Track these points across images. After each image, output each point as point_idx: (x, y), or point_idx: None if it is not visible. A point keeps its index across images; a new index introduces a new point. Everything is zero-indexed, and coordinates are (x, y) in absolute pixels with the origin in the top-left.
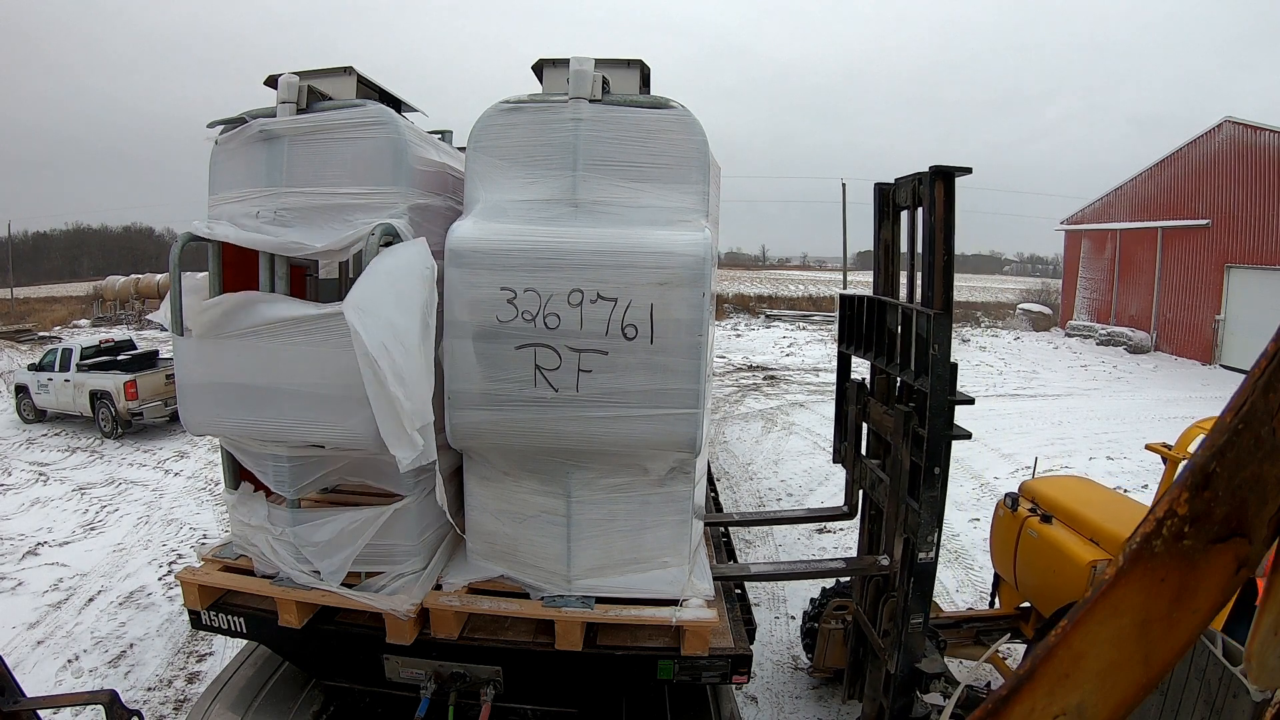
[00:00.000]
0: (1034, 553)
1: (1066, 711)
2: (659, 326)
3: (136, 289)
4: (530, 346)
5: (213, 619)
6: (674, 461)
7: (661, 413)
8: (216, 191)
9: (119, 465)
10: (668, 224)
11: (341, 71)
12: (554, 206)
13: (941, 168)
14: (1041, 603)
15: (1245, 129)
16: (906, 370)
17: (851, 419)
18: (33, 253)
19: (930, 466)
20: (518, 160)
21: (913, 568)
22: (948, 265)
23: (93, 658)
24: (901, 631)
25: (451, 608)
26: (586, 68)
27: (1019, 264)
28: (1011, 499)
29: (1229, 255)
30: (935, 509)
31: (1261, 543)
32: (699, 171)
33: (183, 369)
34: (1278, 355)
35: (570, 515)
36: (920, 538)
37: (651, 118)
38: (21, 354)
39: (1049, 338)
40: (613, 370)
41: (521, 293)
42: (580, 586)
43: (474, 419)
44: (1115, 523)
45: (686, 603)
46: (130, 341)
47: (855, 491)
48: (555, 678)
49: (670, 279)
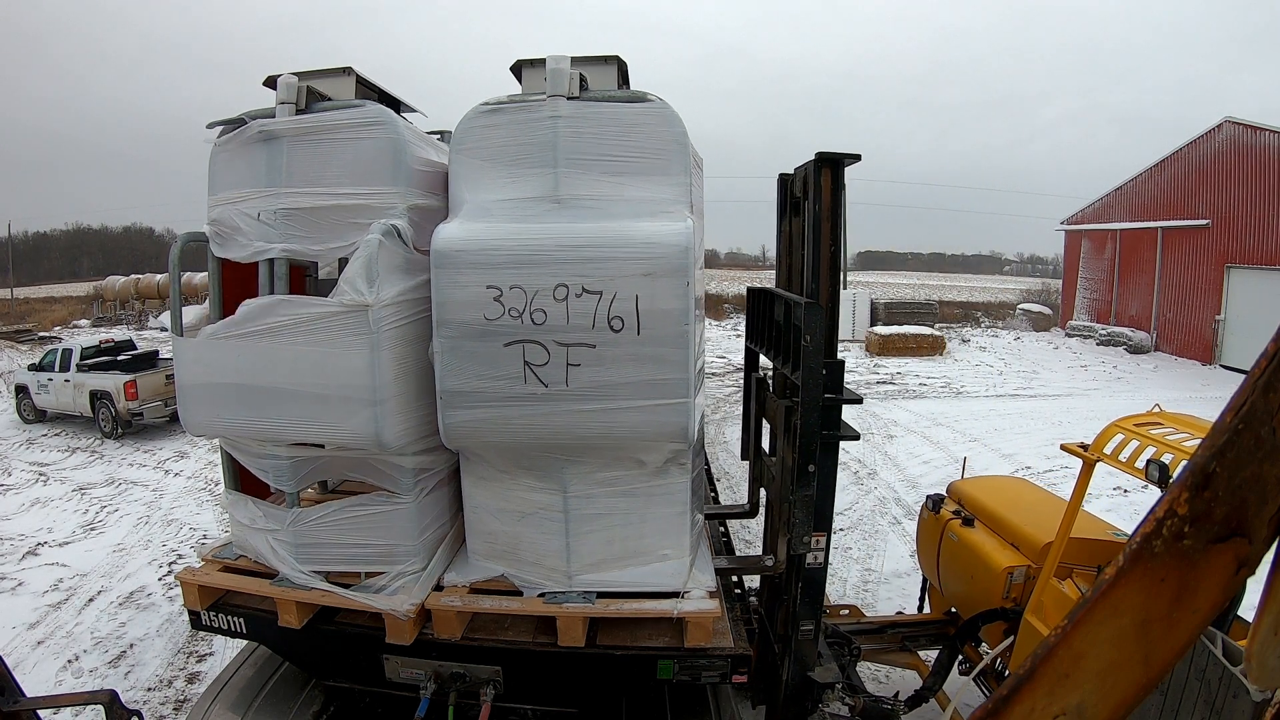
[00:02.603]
0: (954, 556)
1: (1066, 711)
2: (645, 318)
3: (136, 289)
4: (518, 343)
5: (213, 619)
6: (669, 453)
7: (652, 403)
8: (216, 192)
9: (119, 465)
10: (650, 216)
11: (340, 72)
12: (537, 204)
13: (828, 154)
14: (963, 607)
15: (1245, 129)
16: (789, 364)
17: (753, 414)
18: (33, 253)
19: (804, 464)
20: (499, 161)
21: (800, 572)
22: (834, 256)
23: (93, 658)
24: (792, 638)
25: (454, 608)
26: (563, 66)
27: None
28: (935, 501)
29: (1229, 255)
30: (810, 509)
31: (1261, 543)
32: (680, 163)
33: (183, 369)
34: (1278, 355)
35: (567, 511)
36: (796, 537)
37: (630, 112)
38: (21, 354)
39: (1049, 338)
40: (601, 363)
41: (507, 290)
42: (580, 582)
43: (466, 418)
44: (1036, 527)
45: (688, 594)
46: (130, 341)
47: (756, 489)
48: (555, 678)
49: (654, 269)
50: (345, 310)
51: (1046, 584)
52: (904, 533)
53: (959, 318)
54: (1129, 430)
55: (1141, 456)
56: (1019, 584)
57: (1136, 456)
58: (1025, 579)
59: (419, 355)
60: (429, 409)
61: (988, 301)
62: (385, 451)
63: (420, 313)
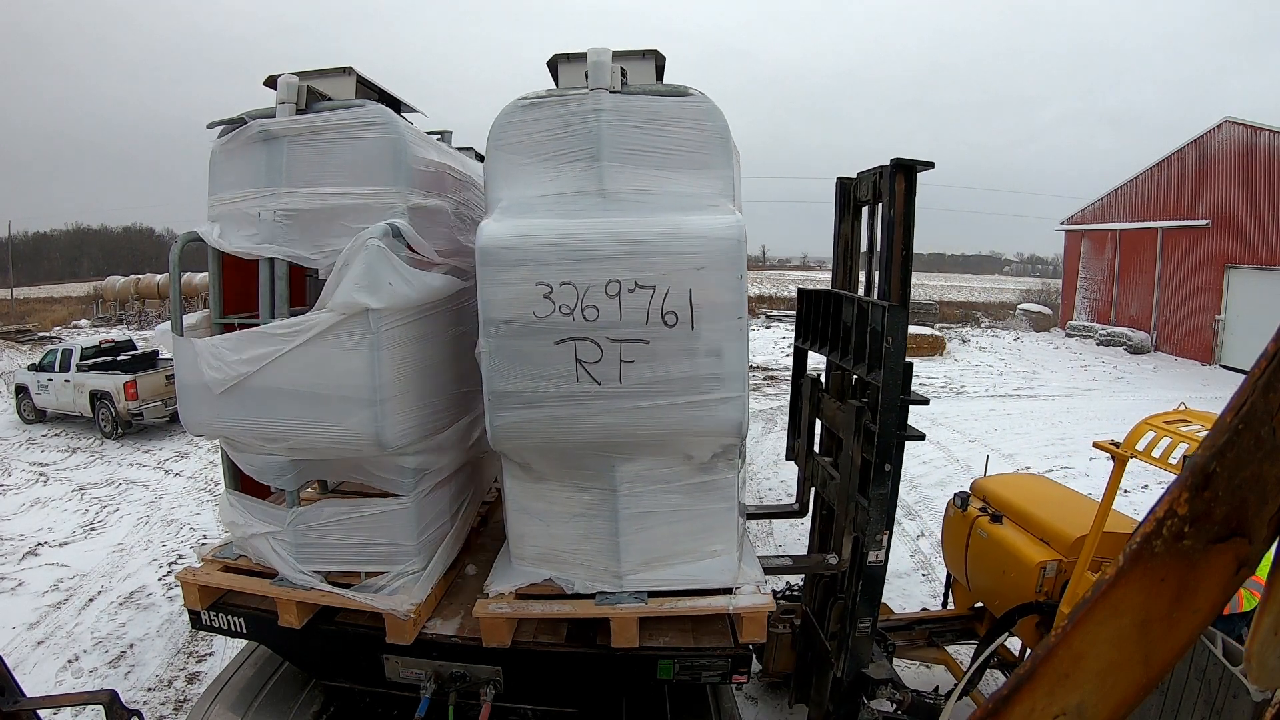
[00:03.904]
0: (984, 553)
1: (1066, 711)
2: (699, 312)
3: (136, 289)
4: (570, 340)
5: (213, 619)
6: (719, 448)
7: (707, 398)
8: (216, 192)
9: (119, 465)
10: (697, 210)
11: (341, 72)
12: (582, 198)
13: (903, 160)
14: (993, 603)
15: (1245, 129)
16: (860, 365)
17: (805, 415)
18: (33, 253)
19: (880, 464)
20: (540, 155)
21: (862, 569)
22: (906, 259)
23: (93, 658)
24: (849, 635)
25: (504, 615)
26: (605, 59)
27: (1019, 264)
28: (961, 498)
29: (1229, 255)
30: (885, 507)
31: (1261, 543)
32: (722, 157)
33: (183, 369)
34: (1278, 355)
35: (617, 510)
36: (869, 537)
37: (672, 105)
38: (21, 354)
39: (1049, 338)
40: (655, 359)
41: (558, 287)
42: (631, 582)
43: (515, 419)
44: (1065, 522)
45: (739, 590)
46: (130, 342)
47: (806, 489)
48: (555, 677)
49: (707, 263)
50: (346, 318)
51: (1081, 577)
52: (903, 533)
53: (959, 318)
54: (1160, 428)
55: (1175, 452)
56: (1050, 578)
57: (1169, 452)
58: (1057, 573)
59: (419, 355)
60: (429, 409)
61: (987, 301)
62: (385, 451)
63: (420, 312)
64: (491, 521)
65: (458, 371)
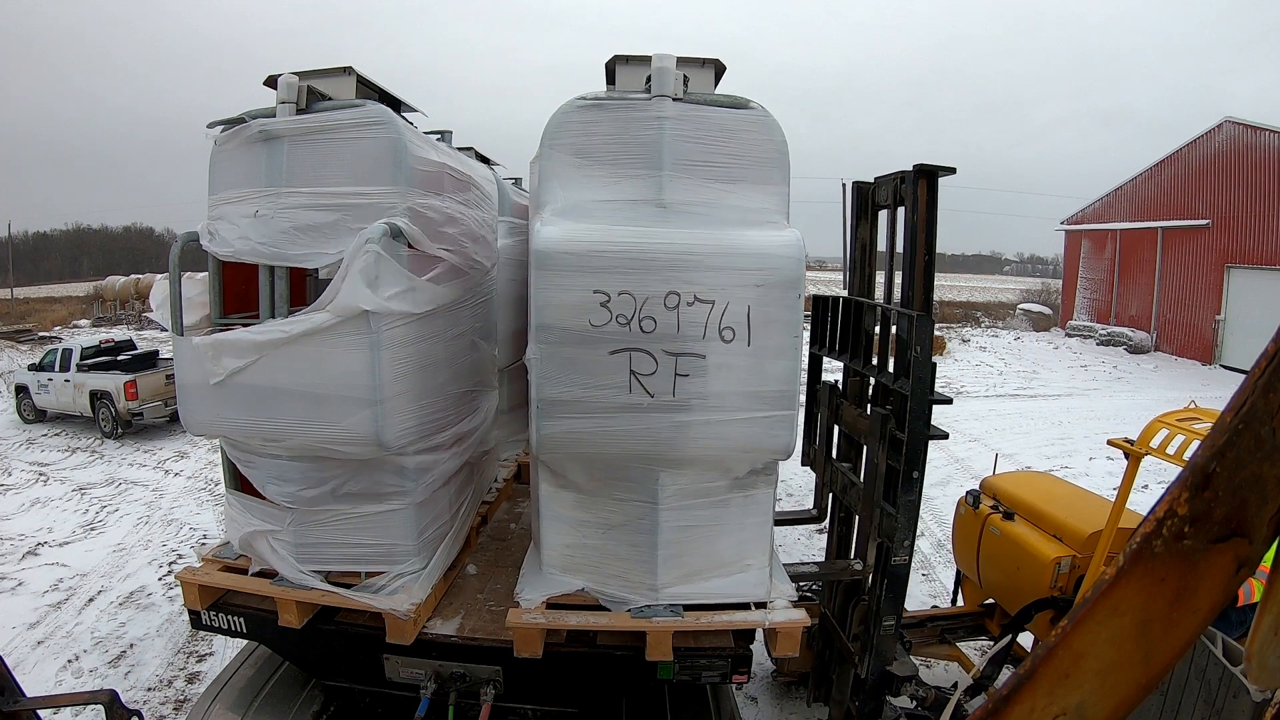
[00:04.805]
0: (997, 550)
1: (1066, 711)
2: (756, 328)
3: (137, 289)
4: (625, 351)
5: (213, 619)
6: (760, 464)
7: (759, 415)
8: (216, 192)
9: (119, 465)
10: (758, 225)
11: (341, 72)
12: (641, 207)
13: (925, 166)
14: (1006, 599)
15: (1245, 129)
16: (885, 373)
17: (823, 421)
18: (33, 253)
19: (909, 470)
20: (599, 159)
21: (886, 571)
22: (929, 265)
23: (93, 658)
24: (873, 635)
25: (538, 625)
26: (669, 64)
27: (1019, 264)
28: (973, 496)
29: (1229, 255)
30: (913, 513)
31: (1261, 543)
32: (780, 172)
33: (183, 369)
34: (1278, 355)
35: (658, 523)
36: (897, 542)
37: (733, 117)
38: (21, 354)
39: (1049, 338)
40: (710, 374)
41: (615, 296)
42: (667, 595)
43: (564, 428)
44: (1077, 518)
45: (773, 604)
46: (130, 341)
47: (825, 495)
48: (555, 678)
49: (767, 280)
50: (345, 319)
51: (1098, 572)
52: None
53: (959, 318)
54: (1172, 425)
55: (1189, 449)
56: (1064, 574)
57: (1184, 450)
58: (1070, 568)
59: (419, 355)
60: (429, 409)
61: (987, 301)
62: (385, 452)
63: (420, 312)
64: (491, 521)
65: (457, 372)
